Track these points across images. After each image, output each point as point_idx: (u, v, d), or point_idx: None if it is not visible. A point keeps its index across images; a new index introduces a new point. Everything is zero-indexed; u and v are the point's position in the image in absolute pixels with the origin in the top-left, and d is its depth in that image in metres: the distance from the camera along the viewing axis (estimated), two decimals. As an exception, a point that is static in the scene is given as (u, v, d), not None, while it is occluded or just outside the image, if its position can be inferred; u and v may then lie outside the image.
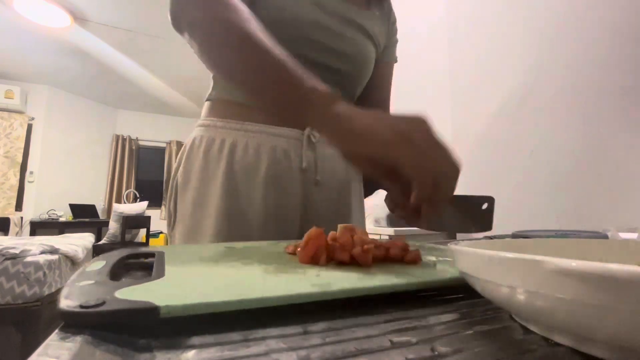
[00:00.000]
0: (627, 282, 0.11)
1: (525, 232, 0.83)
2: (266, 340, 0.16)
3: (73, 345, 0.14)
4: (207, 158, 0.56)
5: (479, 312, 0.21)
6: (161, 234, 5.15)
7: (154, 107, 5.39)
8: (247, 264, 0.29)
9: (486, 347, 0.16)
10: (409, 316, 0.20)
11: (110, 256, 0.29)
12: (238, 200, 0.54)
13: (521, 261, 0.15)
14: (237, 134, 0.56)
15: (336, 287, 0.21)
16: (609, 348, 0.14)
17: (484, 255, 0.17)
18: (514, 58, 1.30)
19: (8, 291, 1.68)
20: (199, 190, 0.55)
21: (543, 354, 0.15)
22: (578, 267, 0.12)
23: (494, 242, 0.28)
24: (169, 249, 0.36)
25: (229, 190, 0.54)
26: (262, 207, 0.55)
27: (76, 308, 0.16)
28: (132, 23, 3.13)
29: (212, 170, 0.55)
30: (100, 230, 4.69)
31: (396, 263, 0.30)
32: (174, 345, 0.15)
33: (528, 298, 0.15)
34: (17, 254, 1.76)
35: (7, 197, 4.16)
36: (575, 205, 1.04)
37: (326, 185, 0.61)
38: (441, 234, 1.42)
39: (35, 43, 3.51)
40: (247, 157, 0.55)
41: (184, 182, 0.57)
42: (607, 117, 1.01)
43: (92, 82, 4.48)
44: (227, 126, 0.57)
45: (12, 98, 4.22)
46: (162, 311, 0.17)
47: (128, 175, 5.32)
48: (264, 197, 0.55)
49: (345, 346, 0.16)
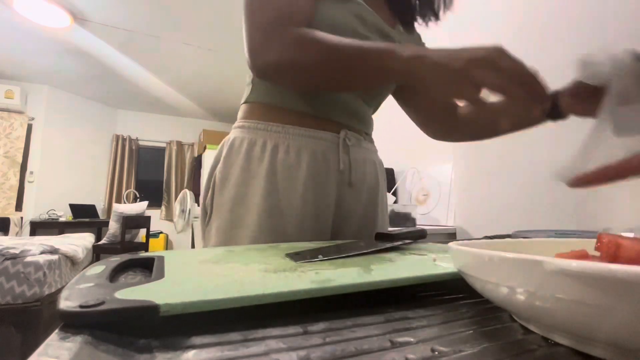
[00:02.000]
0: (627, 282, 0.11)
1: (525, 232, 0.83)
2: (266, 340, 0.16)
3: (73, 345, 0.14)
4: (248, 158, 0.59)
5: (479, 312, 0.21)
6: (161, 234, 5.14)
7: (154, 107, 5.38)
8: (247, 264, 0.29)
9: (486, 347, 0.16)
10: (409, 316, 0.20)
11: (110, 261, 0.29)
12: (278, 197, 0.57)
13: (521, 261, 0.15)
14: (279, 136, 0.59)
15: (335, 284, 0.21)
16: (609, 348, 0.14)
17: (484, 255, 0.17)
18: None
19: (8, 291, 1.68)
20: (240, 188, 0.58)
21: (543, 354, 0.15)
22: (578, 267, 0.12)
23: (494, 242, 0.28)
24: (169, 253, 0.36)
25: (270, 188, 0.57)
26: (300, 205, 0.58)
27: (76, 308, 0.16)
28: (132, 23, 3.13)
29: (254, 169, 0.58)
30: (100, 230, 4.69)
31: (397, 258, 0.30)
32: (174, 345, 0.15)
33: (528, 298, 0.15)
34: (17, 254, 1.76)
35: (7, 197, 4.16)
36: (575, 205, 1.04)
37: (357, 186, 0.66)
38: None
39: (35, 43, 3.51)
40: (289, 158, 0.59)
41: (223, 180, 0.59)
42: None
43: (92, 82, 4.48)
44: (269, 129, 0.60)
45: (12, 98, 4.22)
46: (162, 309, 0.17)
47: (128, 175, 5.32)
48: (302, 195, 0.58)
49: (345, 346, 0.16)
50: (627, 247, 0.18)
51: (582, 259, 0.19)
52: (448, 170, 1.57)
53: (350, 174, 0.64)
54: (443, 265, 0.29)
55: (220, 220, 0.58)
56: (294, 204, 0.58)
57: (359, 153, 0.66)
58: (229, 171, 0.59)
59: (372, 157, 0.71)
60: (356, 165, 0.65)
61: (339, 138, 0.63)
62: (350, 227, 0.65)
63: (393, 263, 0.30)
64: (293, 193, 0.58)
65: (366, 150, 0.69)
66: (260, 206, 0.56)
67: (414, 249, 0.40)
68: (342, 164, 0.62)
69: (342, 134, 0.63)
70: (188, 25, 3.05)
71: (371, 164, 0.70)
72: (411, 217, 1.46)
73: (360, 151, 0.67)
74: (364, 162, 0.67)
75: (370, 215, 0.68)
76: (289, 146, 0.59)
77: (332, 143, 0.62)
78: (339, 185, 0.63)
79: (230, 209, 0.58)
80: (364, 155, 0.68)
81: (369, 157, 0.69)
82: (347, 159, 0.64)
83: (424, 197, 1.69)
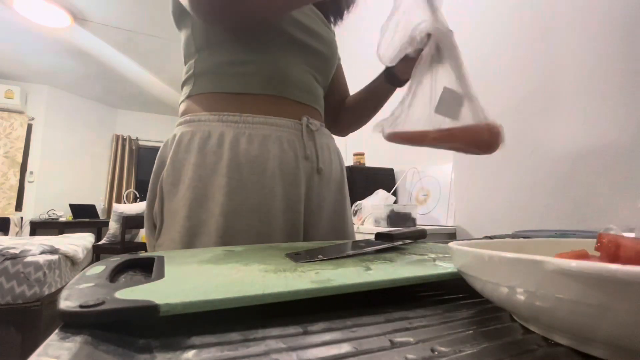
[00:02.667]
0: (627, 282, 0.11)
1: (525, 232, 0.83)
2: (266, 340, 0.16)
3: (73, 345, 0.14)
4: (203, 153, 0.53)
5: (479, 312, 0.21)
6: (161, 234, 5.14)
7: (154, 107, 5.38)
8: (247, 264, 0.29)
9: (486, 347, 0.16)
10: (409, 316, 0.20)
11: (110, 261, 0.29)
12: (245, 194, 0.52)
13: (521, 261, 0.15)
14: (237, 126, 0.54)
15: (335, 284, 0.21)
16: (609, 348, 0.14)
17: (484, 255, 0.17)
18: (514, 59, 1.30)
19: (8, 291, 1.68)
20: (197, 189, 0.51)
21: (543, 354, 0.15)
22: (578, 267, 0.12)
23: (494, 242, 0.28)
24: (169, 253, 0.36)
25: (234, 184, 0.51)
26: (271, 199, 0.53)
27: (76, 308, 0.16)
28: (132, 23, 3.13)
29: (210, 165, 0.52)
30: (100, 230, 4.69)
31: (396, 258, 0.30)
32: (174, 345, 0.15)
33: (528, 298, 0.15)
34: (17, 254, 1.76)
35: (7, 197, 4.16)
36: (575, 205, 1.04)
37: (326, 174, 0.62)
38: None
39: (35, 43, 3.51)
40: (253, 149, 0.53)
41: (174, 184, 0.53)
42: (607, 117, 1.01)
43: (92, 82, 4.48)
44: (223, 119, 0.54)
45: (12, 98, 4.22)
46: (162, 309, 0.17)
47: (128, 175, 5.32)
48: (272, 189, 0.53)
49: (345, 346, 0.16)
50: (627, 247, 0.18)
51: (582, 259, 0.19)
52: (448, 170, 1.57)
53: (318, 160, 0.60)
54: (443, 265, 0.29)
55: (174, 230, 0.51)
56: (263, 200, 0.52)
57: (322, 139, 0.64)
58: (180, 172, 0.53)
59: (333, 144, 0.68)
60: (322, 152, 0.62)
61: (302, 124, 0.59)
62: (321, 222, 0.61)
63: (393, 263, 0.30)
64: (261, 187, 0.53)
65: (328, 136, 0.67)
66: (225, 206, 0.50)
67: (414, 249, 0.40)
68: (308, 150, 0.59)
69: (304, 120, 0.60)
70: (188, 25, 3.05)
71: (334, 152, 0.67)
72: (411, 217, 1.46)
73: (323, 137, 0.64)
74: (328, 148, 0.65)
75: (340, 204, 0.65)
76: (251, 136, 0.54)
77: (296, 130, 0.59)
78: (307, 173, 0.59)
79: (186, 215, 0.50)
80: (327, 141, 0.65)
81: (331, 143, 0.68)
82: (313, 145, 0.60)
83: (424, 197, 1.69)
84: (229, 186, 0.51)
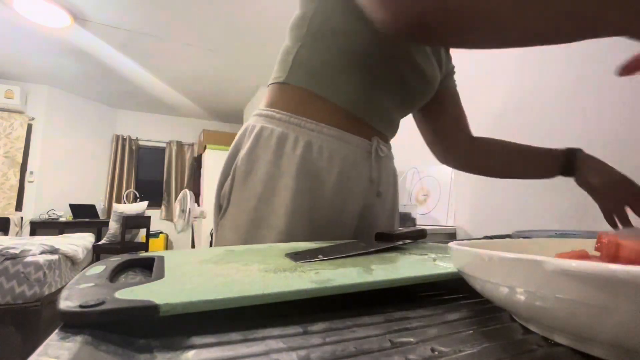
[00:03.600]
0: (627, 282, 0.11)
1: (525, 232, 0.83)
2: (266, 340, 0.16)
3: (73, 345, 0.14)
4: (278, 153, 0.54)
5: (479, 312, 0.21)
6: (161, 234, 5.14)
7: (154, 107, 5.38)
8: (247, 264, 0.29)
9: (486, 347, 0.16)
10: (409, 316, 0.20)
11: (110, 261, 0.29)
12: (306, 199, 0.54)
13: (521, 261, 0.15)
14: (312, 134, 0.55)
15: (335, 284, 0.21)
16: (609, 348, 0.14)
17: (484, 255, 0.17)
18: (514, 58, 1.30)
19: (8, 291, 1.68)
20: (267, 185, 0.53)
21: (543, 354, 0.15)
22: (578, 267, 0.12)
23: (494, 242, 0.28)
24: (169, 253, 0.36)
25: (300, 188, 0.53)
26: (327, 211, 0.55)
27: (76, 308, 0.16)
28: (132, 23, 3.13)
29: (284, 165, 0.54)
30: (100, 230, 4.69)
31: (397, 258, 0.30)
32: (174, 345, 0.15)
33: (528, 298, 0.15)
34: (17, 254, 1.76)
35: (7, 197, 4.16)
36: (575, 205, 1.04)
37: (384, 197, 0.64)
38: (441, 234, 1.42)
39: (35, 43, 3.51)
40: (322, 160, 0.55)
41: (247, 173, 0.55)
42: (607, 117, 1.01)
43: (92, 82, 4.47)
44: (302, 124, 0.55)
45: (12, 98, 4.21)
46: (162, 309, 0.17)
47: (128, 175, 5.32)
48: (330, 201, 0.55)
49: (345, 346, 0.16)
50: (627, 247, 0.19)
51: (582, 259, 0.19)
52: (448, 170, 1.57)
53: (380, 184, 0.63)
54: (443, 265, 0.29)
55: (240, 218, 0.54)
56: (320, 209, 0.55)
57: (388, 162, 0.66)
58: (255, 164, 0.55)
59: (394, 168, 0.71)
60: (386, 177, 0.64)
61: (371, 146, 0.60)
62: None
63: (393, 263, 0.30)
64: (321, 197, 0.55)
65: (392, 160, 0.70)
66: (288, 207, 0.52)
67: (414, 249, 0.40)
68: (374, 173, 0.61)
69: (374, 142, 0.60)
70: (188, 25, 3.05)
71: (393, 174, 0.70)
72: (411, 217, 1.46)
73: (389, 162, 0.67)
74: (391, 173, 0.68)
75: (389, 223, 0.69)
76: (322, 147, 0.55)
77: (364, 150, 0.60)
78: (367, 194, 0.61)
79: (255, 206, 0.53)
80: (391, 165, 0.68)
81: (392, 167, 0.70)
82: (378, 169, 0.62)
83: (424, 197, 1.69)
84: (295, 189, 0.53)
